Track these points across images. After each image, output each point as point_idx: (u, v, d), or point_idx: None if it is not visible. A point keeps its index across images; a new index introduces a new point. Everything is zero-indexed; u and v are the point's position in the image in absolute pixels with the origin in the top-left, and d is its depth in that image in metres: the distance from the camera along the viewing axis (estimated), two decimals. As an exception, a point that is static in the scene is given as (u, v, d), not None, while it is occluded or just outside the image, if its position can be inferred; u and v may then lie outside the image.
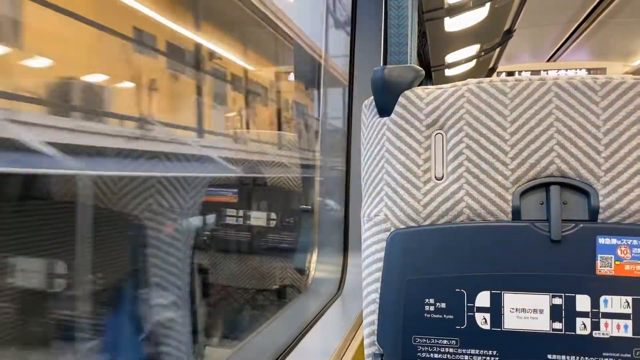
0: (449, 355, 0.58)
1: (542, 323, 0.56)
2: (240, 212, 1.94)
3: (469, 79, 0.62)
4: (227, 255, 1.95)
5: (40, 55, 2.05)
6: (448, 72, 4.51)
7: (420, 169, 0.62)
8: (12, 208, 0.77)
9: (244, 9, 4.17)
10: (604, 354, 0.55)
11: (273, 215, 1.93)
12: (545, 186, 0.58)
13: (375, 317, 0.62)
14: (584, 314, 0.55)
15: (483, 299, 0.57)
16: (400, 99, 0.63)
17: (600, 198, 0.56)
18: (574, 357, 0.55)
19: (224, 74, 5.01)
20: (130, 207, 0.83)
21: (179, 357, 0.84)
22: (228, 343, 1.78)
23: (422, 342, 0.59)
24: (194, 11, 3.75)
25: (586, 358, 0.55)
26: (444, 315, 0.58)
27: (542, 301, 0.56)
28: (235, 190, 1.93)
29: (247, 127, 5.33)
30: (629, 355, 0.54)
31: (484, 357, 0.57)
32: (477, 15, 2.94)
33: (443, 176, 0.61)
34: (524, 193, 0.58)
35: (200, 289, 1.62)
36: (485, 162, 0.59)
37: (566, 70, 6.09)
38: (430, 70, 4.14)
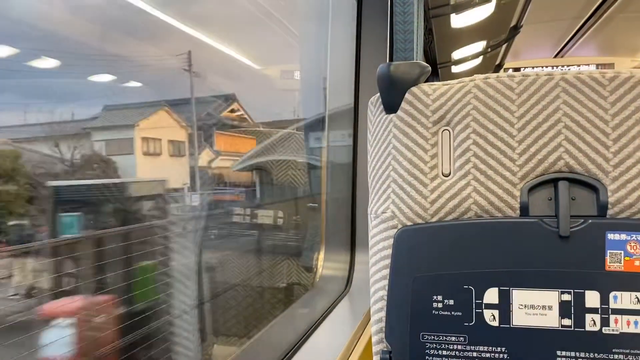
0: (457, 352, 0.58)
1: (551, 319, 0.56)
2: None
3: (475, 75, 0.61)
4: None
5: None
6: (454, 69, 4.49)
7: (427, 166, 0.62)
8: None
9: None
10: (613, 350, 0.54)
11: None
12: (554, 182, 0.58)
13: (383, 314, 0.62)
14: (593, 310, 0.55)
15: (491, 295, 0.57)
16: (407, 96, 0.63)
17: (609, 193, 0.56)
18: (583, 353, 0.55)
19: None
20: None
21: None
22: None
23: (430, 339, 0.59)
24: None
25: (596, 354, 0.55)
26: (452, 312, 0.58)
27: (551, 297, 0.56)
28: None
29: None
30: (639, 351, 0.54)
31: (493, 354, 0.57)
32: (484, 12, 2.92)
33: (450, 173, 0.61)
34: (532, 189, 0.58)
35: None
36: (492, 158, 0.59)
37: (573, 66, 6.05)
38: (437, 67, 4.12)
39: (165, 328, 1.30)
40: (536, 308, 0.56)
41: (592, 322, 0.55)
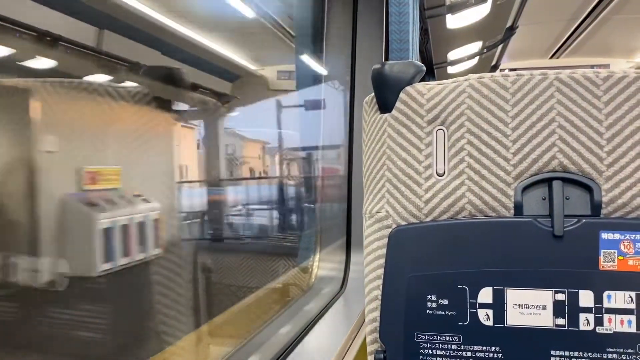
0: (451, 352, 0.58)
1: (545, 319, 0.56)
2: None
3: (470, 74, 0.61)
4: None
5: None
6: (450, 70, 4.50)
7: (422, 165, 0.61)
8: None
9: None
10: (607, 349, 0.54)
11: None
12: (548, 181, 0.58)
13: (377, 314, 0.62)
14: (587, 310, 0.55)
15: (486, 295, 0.57)
16: (401, 95, 0.63)
17: (603, 193, 0.56)
18: (577, 352, 0.55)
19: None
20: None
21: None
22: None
23: (425, 339, 0.59)
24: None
25: (590, 354, 0.55)
26: (447, 312, 0.58)
27: (545, 297, 0.56)
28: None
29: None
30: (632, 351, 0.54)
31: (487, 354, 0.57)
32: (479, 12, 2.93)
33: (444, 172, 0.61)
34: (526, 188, 0.58)
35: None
36: (486, 158, 0.59)
37: (569, 67, 6.06)
38: (433, 68, 4.13)
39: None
40: (530, 307, 0.56)
41: (586, 322, 0.55)
